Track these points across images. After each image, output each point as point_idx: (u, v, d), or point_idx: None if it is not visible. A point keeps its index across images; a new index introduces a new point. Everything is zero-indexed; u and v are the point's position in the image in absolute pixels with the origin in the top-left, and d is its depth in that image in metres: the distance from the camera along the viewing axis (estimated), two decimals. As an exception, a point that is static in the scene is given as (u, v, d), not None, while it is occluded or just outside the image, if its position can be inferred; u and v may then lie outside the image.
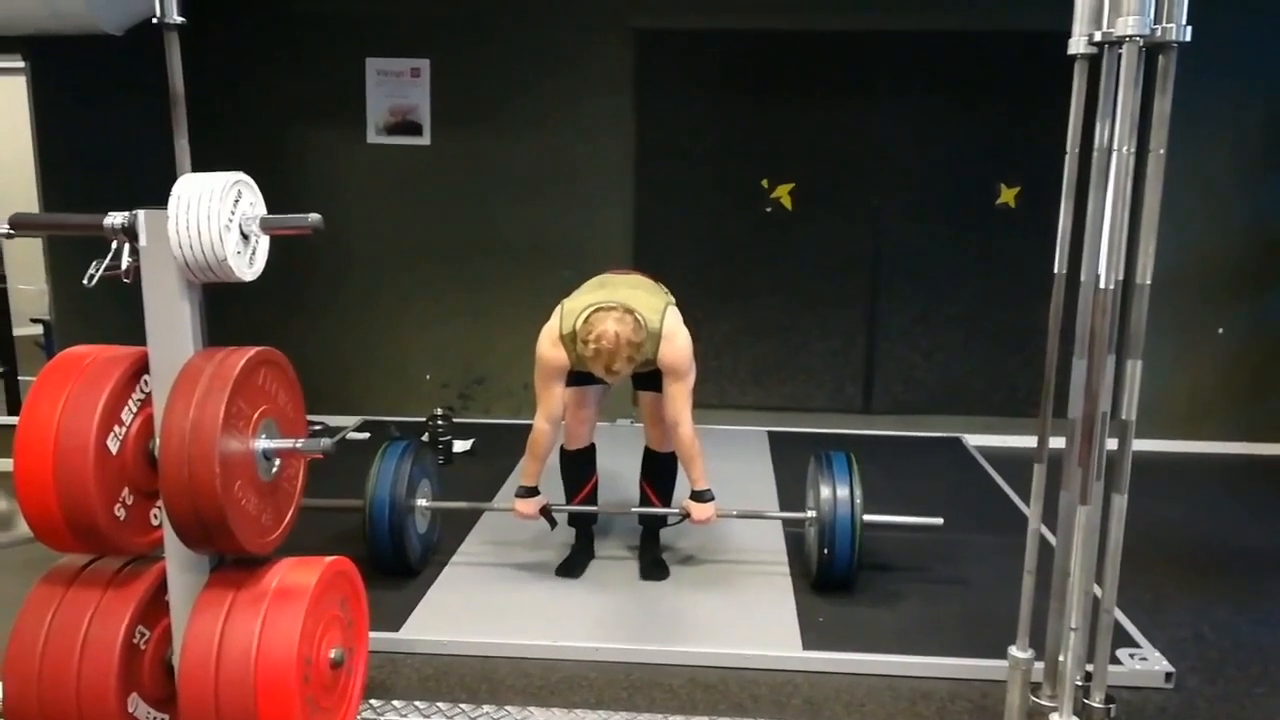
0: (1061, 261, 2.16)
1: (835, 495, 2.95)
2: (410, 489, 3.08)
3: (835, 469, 3.03)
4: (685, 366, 2.88)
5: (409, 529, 3.07)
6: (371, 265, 5.01)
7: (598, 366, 2.73)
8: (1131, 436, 2.02)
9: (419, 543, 3.16)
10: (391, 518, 3.01)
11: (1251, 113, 4.62)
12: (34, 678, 1.97)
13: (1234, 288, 4.80)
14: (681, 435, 2.94)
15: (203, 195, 1.88)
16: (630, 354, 2.70)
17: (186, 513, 1.88)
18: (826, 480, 3.00)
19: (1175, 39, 1.86)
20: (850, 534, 2.92)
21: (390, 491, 3.01)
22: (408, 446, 3.16)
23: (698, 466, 2.98)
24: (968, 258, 4.82)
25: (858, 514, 2.93)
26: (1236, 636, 2.89)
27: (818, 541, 3.00)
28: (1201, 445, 4.84)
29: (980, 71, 4.66)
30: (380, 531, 3.01)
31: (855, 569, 2.99)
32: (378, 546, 3.03)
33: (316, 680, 2.06)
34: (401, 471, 3.06)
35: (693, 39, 4.74)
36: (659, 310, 2.86)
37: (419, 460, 3.17)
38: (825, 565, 2.98)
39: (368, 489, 3.03)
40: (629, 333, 2.69)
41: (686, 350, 2.88)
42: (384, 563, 3.06)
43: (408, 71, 4.80)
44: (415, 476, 3.13)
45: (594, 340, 2.68)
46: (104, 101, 4.58)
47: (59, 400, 1.92)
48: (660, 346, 2.83)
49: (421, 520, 3.19)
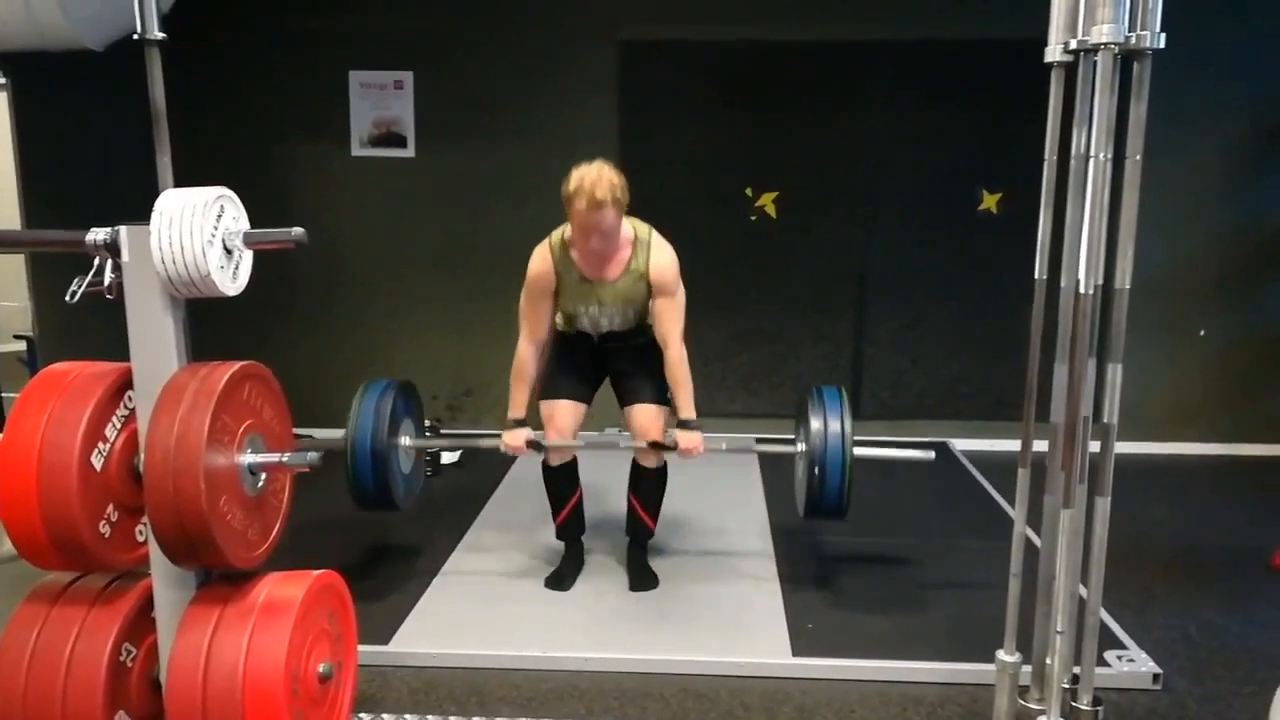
0: (1042, 267, 2.18)
1: (826, 428, 2.88)
2: (393, 426, 3.03)
3: (826, 401, 2.95)
4: (674, 282, 2.95)
5: (393, 464, 3.02)
6: (357, 277, 5.00)
7: (581, 200, 2.72)
8: (1113, 439, 2.04)
9: (402, 481, 3.11)
10: (374, 451, 2.95)
11: (1233, 117, 4.67)
12: (19, 697, 1.95)
13: (1215, 290, 4.85)
14: (672, 355, 2.95)
15: (185, 210, 1.88)
16: (613, 192, 2.73)
17: (172, 528, 1.87)
18: (817, 413, 2.92)
19: (1150, 46, 1.88)
20: (840, 463, 2.86)
21: (373, 426, 2.96)
22: (389, 385, 3.09)
23: (685, 392, 2.96)
24: (952, 263, 4.85)
25: (848, 446, 2.86)
26: (1223, 637, 2.90)
27: (807, 474, 2.94)
28: (1184, 447, 4.88)
29: (960, 79, 4.70)
30: (363, 468, 2.97)
31: (846, 502, 2.92)
32: (361, 483, 2.99)
33: (305, 695, 2.04)
34: (383, 408, 3.00)
35: (676, 50, 4.75)
36: (646, 226, 2.97)
37: (401, 399, 3.11)
38: (816, 495, 2.91)
39: (349, 426, 2.98)
40: (610, 173, 2.77)
41: (675, 264, 2.96)
42: (368, 500, 3.02)
43: (391, 84, 4.80)
44: (398, 413, 3.07)
45: (577, 176, 2.76)
46: (86, 117, 4.57)
47: (42, 417, 1.90)
48: (651, 255, 2.92)
49: (405, 460, 3.15)
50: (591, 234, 2.79)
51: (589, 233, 2.79)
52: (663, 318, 2.95)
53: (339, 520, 3.65)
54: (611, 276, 2.94)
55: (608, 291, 2.94)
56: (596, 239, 2.81)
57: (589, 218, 2.75)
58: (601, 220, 2.76)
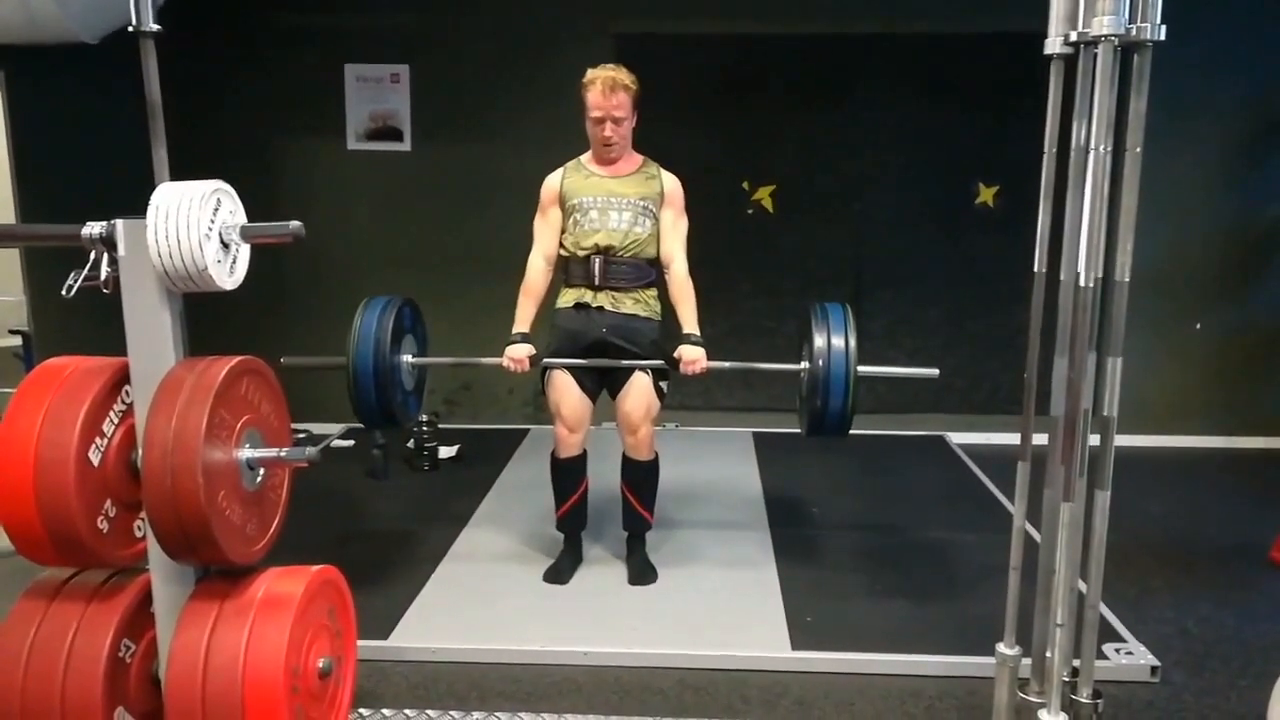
0: (1041, 260, 2.17)
1: (830, 345, 2.87)
2: (395, 342, 3.02)
3: (830, 318, 2.94)
4: (682, 201, 3.12)
5: (395, 380, 3.01)
6: (354, 271, 4.98)
7: (596, 86, 2.89)
8: (1113, 433, 2.03)
9: (404, 397, 3.11)
10: (377, 370, 2.95)
11: (1232, 111, 4.67)
12: (18, 693, 1.95)
13: (1212, 284, 4.85)
14: (676, 272, 3.05)
15: (182, 204, 1.87)
16: (627, 83, 2.90)
17: (170, 524, 1.87)
18: (820, 330, 2.91)
19: (1150, 38, 1.87)
20: (844, 380, 2.85)
21: (374, 344, 2.96)
22: (390, 301, 3.08)
23: (689, 307, 3.02)
24: (949, 256, 4.85)
25: (852, 364, 2.85)
26: (1221, 630, 2.91)
27: (809, 390, 2.93)
28: (1182, 440, 4.89)
29: (958, 72, 4.69)
30: (365, 385, 2.96)
31: (849, 419, 2.91)
32: (364, 400, 2.99)
33: (305, 690, 2.04)
34: (384, 324, 3.00)
35: (672, 43, 4.74)
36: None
37: (402, 316, 3.10)
38: (819, 412, 2.89)
39: (350, 343, 2.97)
40: (625, 74, 2.92)
41: (682, 190, 3.12)
42: (371, 417, 3.03)
43: (387, 77, 4.79)
44: (399, 330, 3.06)
45: (592, 69, 2.92)
46: (81, 111, 4.54)
47: (39, 412, 1.90)
48: (662, 173, 3.10)
49: (408, 377, 3.14)
50: (605, 120, 2.92)
51: (604, 117, 2.92)
52: (669, 233, 3.07)
53: (338, 515, 3.65)
54: (624, 172, 3.05)
55: (620, 184, 3.03)
56: (610, 127, 2.94)
57: (605, 100, 2.89)
58: (616, 104, 2.90)
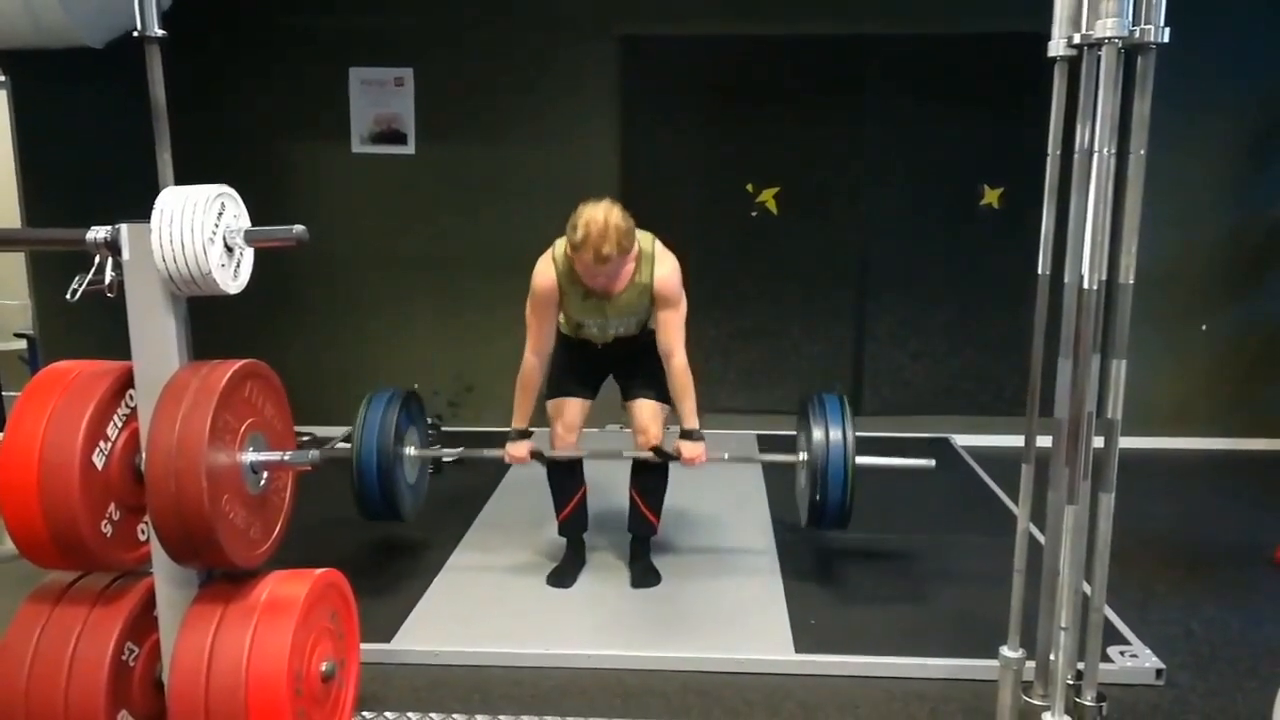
0: (1045, 262, 2.17)
1: (828, 437, 2.89)
2: (398, 437, 3.02)
3: (828, 410, 2.96)
4: (677, 293, 2.94)
5: (398, 477, 3.02)
6: (358, 274, 5.00)
7: (587, 253, 2.68)
8: (1117, 435, 2.03)
9: (409, 492, 3.11)
10: (380, 466, 2.95)
11: (1236, 112, 4.65)
12: (21, 696, 1.95)
13: (1217, 285, 4.84)
14: (675, 366, 2.94)
15: (186, 208, 1.87)
16: (619, 239, 2.68)
17: (174, 527, 1.87)
18: (819, 422, 2.93)
19: (1154, 40, 1.87)
20: (843, 474, 2.86)
21: (378, 440, 2.96)
22: (394, 394, 3.09)
23: (689, 403, 2.96)
24: (953, 258, 4.84)
25: (850, 455, 2.87)
26: (1226, 632, 2.90)
27: (809, 484, 2.95)
28: (1187, 442, 4.87)
29: (963, 74, 4.68)
30: (369, 480, 2.96)
31: (848, 513, 2.93)
32: (367, 495, 2.99)
33: (308, 694, 2.04)
34: (389, 420, 3.00)
35: (677, 45, 4.74)
36: (649, 237, 2.92)
37: (406, 409, 3.11)
38: (817, 506, 2.92)
39: (354, 438, 2.98)
40: (617, 219, 2.69)
41: (678, 275, 2.94)
42: (374, 511, 3.03)
43: (391, 81, 4.80)
44: (403, 424, 3.07)
45: (582, 224, 2.68)
46: (86, 115, 4.56)
47: (44, 416, 1.90)
48: (655, 268, 2.89)
49: (410, 470, 3.15)
50: (598, 276, 2.79)
51: (594, 275, 2.79)
52: (665, 329, 2.94)
53: (341, 518, 3.65)
54: (618, 289, 2.92)
55: (612, 305, 2.94)
56: (602, 279, 2.81)
57: (595, 268, 2.74)
58: (608, 270, 2.76)
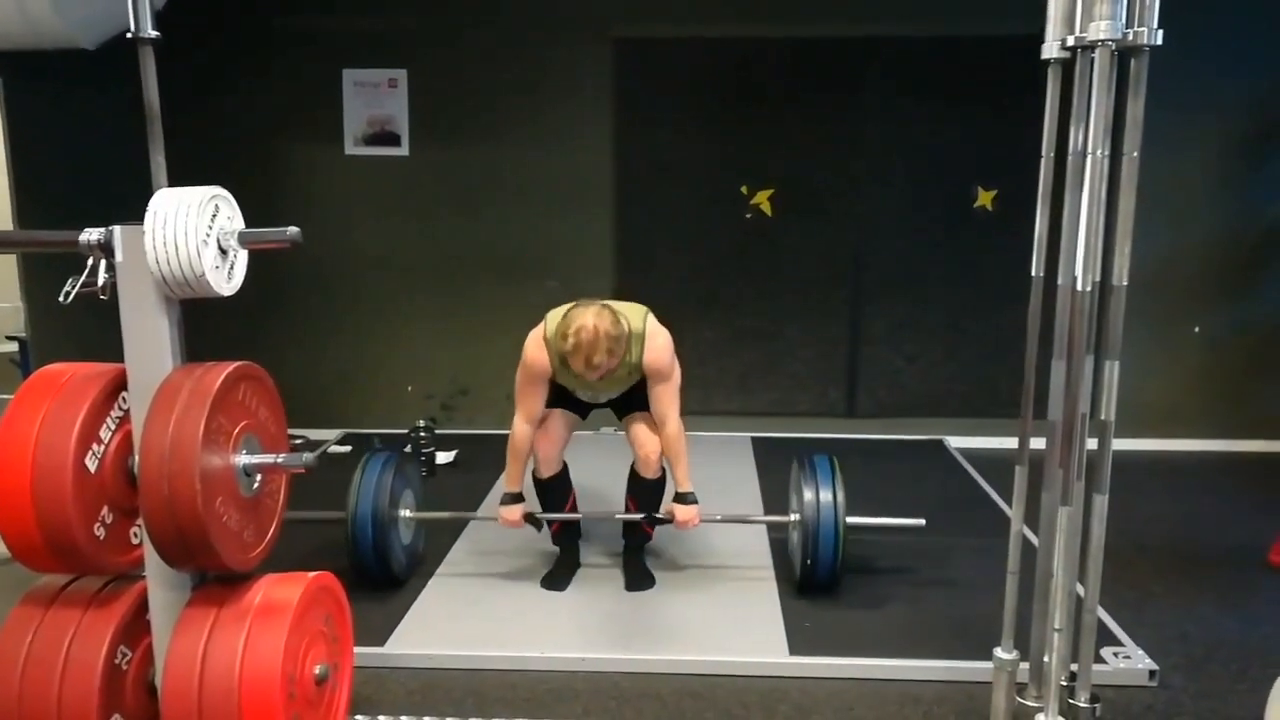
0: (1039, 264, 2.18)
1: (818, 498, 2.96)
2: (393, 500, 3.06)
3: (818, 472, 3.04)
4: (669, 367, 2.93)
5: (393, 540, 3.05)
6: (352, 276, 4.98)
7: (578, 361, 2.70)
8: (1111, 436, 2.04)
9: (403, 554, 3.14)
10: (374, 529, 2.99)
11: (1229, 113, 4.67)
12: (14, 700, 1.94)
13: (1211, 286, 4.85)
14: (668, 434, 2.96)
15: (179, 210, 1.87)
16: (609, 346, 2.69)
17: (167, 530, 1.86)
18: (809, 483, 3.01)
19: (1147, 43, 1.88)
20: (834, 537, 2.93)
21: (373, 503, 3.00)
22: (389, 458, 3.15)
23: (683, 467, 2.99)
24: (947, 260, 4.85)
25: (840, 517, 2.94)
26: (1219, 633, 2.91)
27: (801, 545, 3.01)
28: (1180, 444, 4.88)
29: (956, 76, 4.69)
30: (364, 544, 2.99)
31: (839, 572, 3.00)
32: (361, 558, 3.02)
33: (301, 697, 2.04)
34: (384, 482, 3.04)
35: (671, 47, 4.75)
36: (640, 314, 2.91)
37: (401, 471, 3.16)
38: (809, 569, 2.99)
39: (349, 501, 3.01)
40: (607, 325, 2.70)
41: (669, 350, 2.93)
42: (369, 575, 3.04)
43: (385, 82, 4.79)
44: (397, 487, 3.11)
45: (573, 334, 2.69)
46: (79, 116, 4.54)
47: (36, 418, 1.89)
48: (645, 347, 2.87)
49: (405, 531, 3.17)
50: (588, 375, 2.78)
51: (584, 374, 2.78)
52: (658, 401, 2.96)
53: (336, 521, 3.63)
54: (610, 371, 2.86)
55: (603, 383, 2.94)
56: (593, 375, 2.80)
57: (585, 372, 2.75)
58: (599, 374, 2.77)
